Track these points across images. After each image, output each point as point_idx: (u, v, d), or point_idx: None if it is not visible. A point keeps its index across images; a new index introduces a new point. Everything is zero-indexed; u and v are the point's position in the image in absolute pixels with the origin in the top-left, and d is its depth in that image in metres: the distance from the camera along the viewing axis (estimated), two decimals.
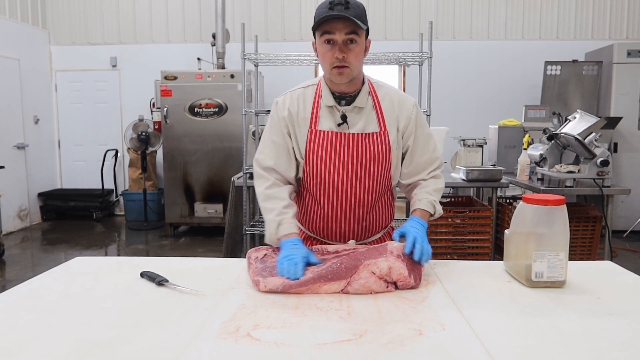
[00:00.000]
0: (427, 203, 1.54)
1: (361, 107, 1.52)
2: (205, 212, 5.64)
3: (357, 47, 1.41)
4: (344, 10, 1.35)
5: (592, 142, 3.31)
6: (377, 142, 1.51)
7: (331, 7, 1.36)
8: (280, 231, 1.45)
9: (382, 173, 1.54)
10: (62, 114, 6.77)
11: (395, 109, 1.54)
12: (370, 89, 1.54)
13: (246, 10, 6.42)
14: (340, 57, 1.39)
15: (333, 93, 1.52)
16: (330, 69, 1.43)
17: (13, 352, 0.94)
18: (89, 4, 6.58)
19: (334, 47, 1.40)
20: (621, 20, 6.18)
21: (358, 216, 1.56)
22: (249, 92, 4.97)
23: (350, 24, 1.37)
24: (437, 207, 1.57)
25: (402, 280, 1.28)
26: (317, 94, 1.54)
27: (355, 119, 1.52)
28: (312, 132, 1.51)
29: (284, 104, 1.55)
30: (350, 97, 1.51)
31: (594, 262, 1.68)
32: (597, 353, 0.94)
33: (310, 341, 0.98)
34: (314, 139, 1.51)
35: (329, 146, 1.50)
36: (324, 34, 1.40)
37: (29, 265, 4.70)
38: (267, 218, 1.50)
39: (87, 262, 1.58)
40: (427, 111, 3.33)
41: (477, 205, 3.82)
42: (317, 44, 1.46)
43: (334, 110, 1.52)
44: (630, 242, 5.25)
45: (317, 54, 1.48)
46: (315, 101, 1.53)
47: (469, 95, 6.34)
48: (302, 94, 1.56)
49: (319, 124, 1.52)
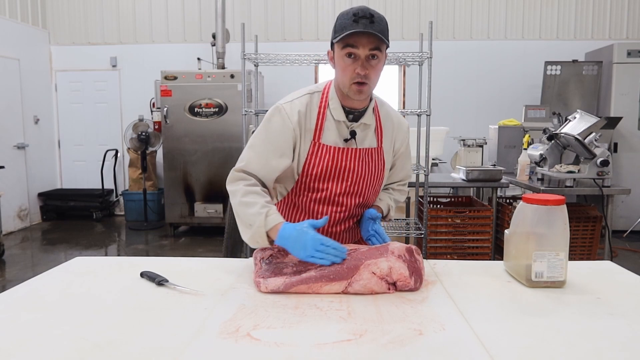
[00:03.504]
0: (386, 205, 1.65)
1: (368, 124, 1.50)
2: (205, 212, 5.64)
3: (379, 64, 1.38)
4: (369, 25, 1.31)
5: (592, 142, 3.31)
6: (374, 158, 1.52)
7: (356, 19, 1.31)
8: (269, 222, 1.34)
9: (376, 187, 1.57)
10: (62, 114, 6.77)
11: (394, 129, 1.57)
12: (375, 106, 1.53)
13: (246, 10, 6.43)
14: (363, 73, 1.35)
15: (343, 107, 1.47)
16: (350, 84, 1.38)
17: (13, 352, 0.94)
18: (89, 4, 6.58)
19: (355, 61, 1.35)
20: (621, 20, 6.18)
21: (349, 225, 1.60)
22: (249, 92, 4.97)
23: (375, 40, 1.33)
24: (392, 214, 1.69)
25: (403, 281, 1.27)
26: (323, 103, 1.47)
27: (361, 135, 1.50)
28: (315, 144, 1.46)
29: (293, 111, 1.45)
30: (359, 112, 1.48)
31: (594, 262, 1.68)
32: (597, 353, 0.94)
33: (310, 341, 0.98)
34: (316, 152, 1.46)
35: (330, 161, 1.46)
36: (347, 47, 1.34)
37: (29, 265, 4.70)
38: (249, 212, 1.36)
39: (87, 262, 1.58)
40: (427, 111, 3.33)
41: (477, 205, 3.82)
42: (336, 56, 1.40)
43: (341, 125, 1.47)
44: (630, 242, 5.25)
45: (334, 64, 1.42)
46: (322, 111, 1.46)
47: (469, 95, 6.34)
48: (309, 102, 1.47)
49: (323, 137, 1.46)
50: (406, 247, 1.37)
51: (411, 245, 1.40)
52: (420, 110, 3.41)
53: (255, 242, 1.39)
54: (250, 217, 1.36)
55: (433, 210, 3.65)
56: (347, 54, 1.35)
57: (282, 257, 1.42)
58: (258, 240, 1.37)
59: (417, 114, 3.42)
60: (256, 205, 1.36)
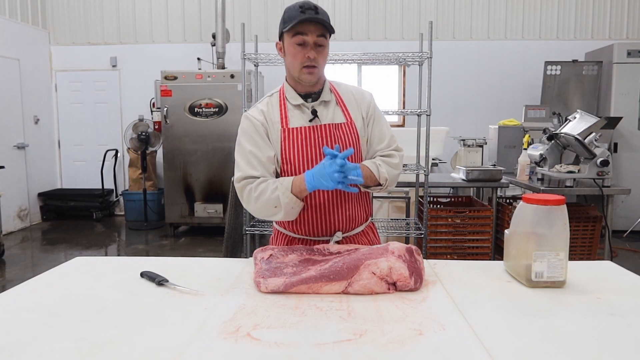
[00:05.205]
0: (371, 163, 1.55)
1: (327, 101, 1.61)
2: (205, 212, 5.64)
3: (325, 50, 1.53)
4: (315, 15, 1.46)
5: (592, 142, 3.31)
6: (346, 132, 1.59)
7: (302, 10, 1.46)
8: (286, 185, 1.45)
9: (355, 161, 1.58)
10: (62, 114, 6.77)
11: (356, 100, 1.65)
12: (330, 87, 1.64)
13: (246, 10, 6.43)
14: (313, 56, 1.49)
15: (299, 93, 1.59)
16: (300, 68, 1.51)
17: (13, 352, 0.94)
18: (89, 4, 6.58)
19: (304, 48, 1.49)
20: (621, 20, 6.18)
21: (340, 205, 1.60)
22: (249, 92, 4.97)
23: (321, 28, 1.48)
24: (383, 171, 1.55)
25: (402, 281, 1.27)
26: (281, 97, 1.62)
27: (324, 112, 1.60)
28: (284, 130, 1.56)
29: (256, 111, 1.60)
30: (315, 94, 1.60)
31: (594, 262, 1.68)
32: (597, 353, 0.94)
33: (310, 341, 0.98)
34: (288, 137, 1.56)
35: (303, 141, 1.55)
36: (297, 35, 1.48)
37: (29, 265, 4.70)
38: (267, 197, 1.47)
39: (87, 262, 1.58)
40: (427, 111, 3.33)
41: (477, 205, 3.82)
42: (286, 45, 1.53)
43: (302, 108, 1.59)
44: (630, 242, 5.25)
45: (284, 54, 1.56)
46: (282, 103, 1.60)
47: (469, 95, 6.34)
48: (269, 101, 1.62)
49: (290, 122, 1.57)
50: (406, 247, 1.37)
51: (411, 245, 1.41)
52: (420, 110, 3.41)
53: (290, 211, 1.48)
54: (272, 200, 1.47)
55: (433, 210, 3.65)
56: (297, 42, 1.49)
57: (282, 257, 1.42)
58: (292, 207, 1.47)
59: (417, 114, 3.42)
60: (267, 189, 1.48)
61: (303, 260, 1.39)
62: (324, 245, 1.51)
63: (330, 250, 1.47)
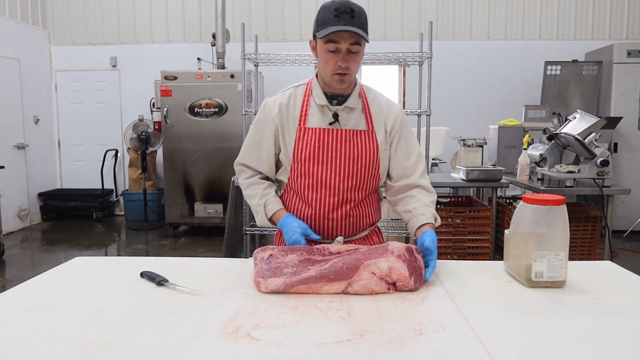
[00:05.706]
0: (431, 216, 1.55)
1: (352, 108, 1.56)
2: (205, 212, 5.64)
3: (359, 56, 1.46)
4: (350, 20, 1.38)
5: (592, 142, 3.31)
6: (365, 140, 1.55)
7: (337, 14, 1.38)
8: (268, 211, 1.59)
9: (370, 171, 1.57)
10: (62, 114, 6.77)
11: (383, 111, 1.60)
12: (361, 92, 1.60)
13: (246, 10, 6.43)
14: (344, 65, 1.44)
15: (325, 93, 1.55)
16: (331, 74, 1.47)
17: (13, 352, 0.94)
18: (89, 4, 6.58)
19: (337, 55, 1.43)
20: (621, 20, 6.18)
21: (345, 212, 1.58)
22: (249, 92, 4.97)
23: (355, 35, 1.40)
24: (438, 219, 1.59)
25: (402, 281, 1.27)
26: (307, 92, 1.58)
27: (346, 118, 1.56)
28: (301, 129, 1.54)
29: (274, 103, 1.58)
30: (342, 97, 1.55)
31: (594, 262, 1.67)
32: (597, 353, 0.93)
33: (310, 341, 0.98)
34: (303, 137, 1.54)
35: (317, 143, 1.53)
36: (329, 43, 1.42)
37: (29, 265, 4.70)
38: (252, 203, 1.63)
39: (87, 262, 1.58)
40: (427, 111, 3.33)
41: (477, 205, 3.82)
42: (318, 48, 1.48)
43: (325, 110, 1.55)
44: (630, 242, 5.25)
45: (316, 55, 1.51)
46: (305, 99, 1.56)
47: (469, 95, 6.34)
48: (294, 93, 1.59)
49: (308, 121, 1.55)
50: (406, 246, 1.37)
51: (411, 245, 1.40)
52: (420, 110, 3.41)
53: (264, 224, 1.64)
54: (255, 207, 1.63)
55: None
56: (329, 48, 1.43)
57: (282, 257, 1.42)
58: (264, 225, 1.64)
59: (417, 114, 3.42)
60: (256, 196, 1.61)
61: (303, 260, 1.39)
62: (323, 245, 1.51)
63: (330, 250, 1.47)
